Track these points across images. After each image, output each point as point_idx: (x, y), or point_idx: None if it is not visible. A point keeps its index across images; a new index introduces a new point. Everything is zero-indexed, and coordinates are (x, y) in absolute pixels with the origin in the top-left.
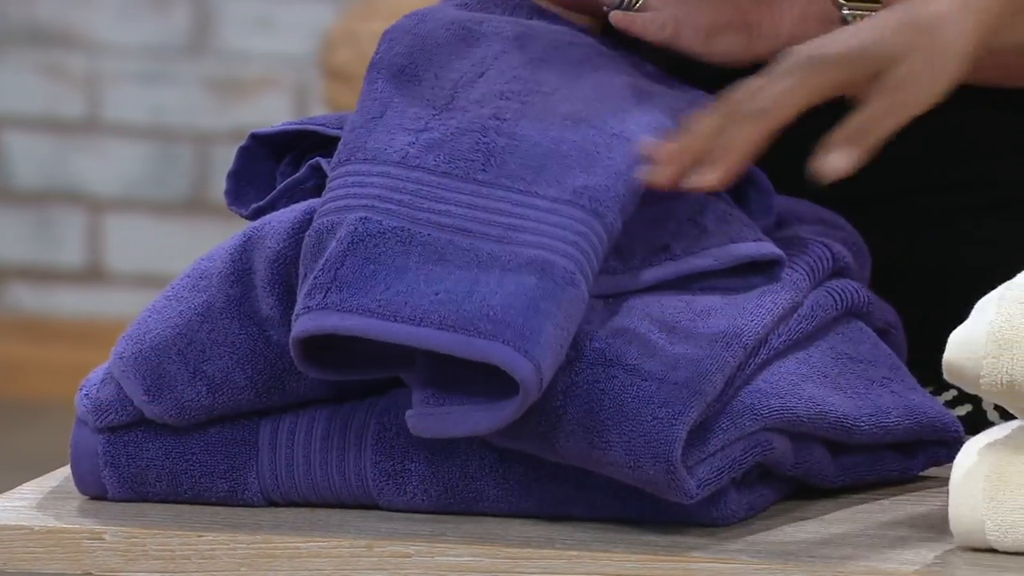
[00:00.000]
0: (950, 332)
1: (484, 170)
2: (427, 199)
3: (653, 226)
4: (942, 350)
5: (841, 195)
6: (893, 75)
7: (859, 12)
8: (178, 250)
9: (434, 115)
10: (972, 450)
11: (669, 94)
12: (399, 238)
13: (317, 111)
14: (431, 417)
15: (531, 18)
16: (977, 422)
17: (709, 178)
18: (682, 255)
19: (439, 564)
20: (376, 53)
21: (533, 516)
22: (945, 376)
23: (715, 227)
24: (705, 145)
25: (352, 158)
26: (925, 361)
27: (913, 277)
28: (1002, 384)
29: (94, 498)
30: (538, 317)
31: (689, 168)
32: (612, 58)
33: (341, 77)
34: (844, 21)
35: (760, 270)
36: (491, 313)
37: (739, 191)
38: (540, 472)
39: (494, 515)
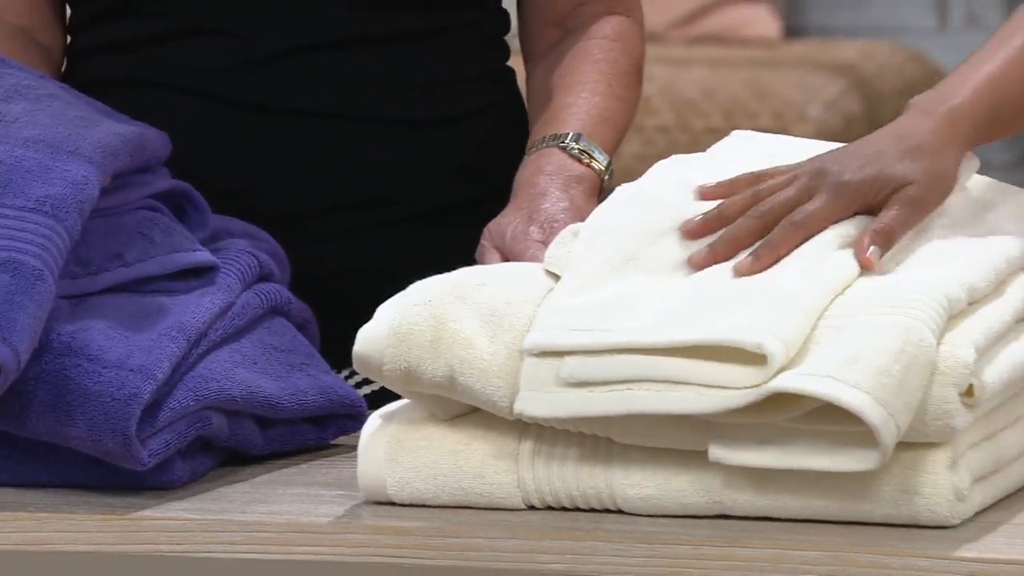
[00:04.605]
0: (358, 325)
1: None
2: None
3: (108, 238)
4: (352, 340)
5: (268, 213)
6: (906, 193)
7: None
8: None
9: None
10: (375, 422)
11: (114, 123)
12: None
13: None
14: None
15: None
16: (380, 398)
17: (752, 268)
18: (133, 262)
19: None
20: None
21: (8, 485)
22: (355, 367)
23: (161, 239)
24: (746, 234)
25: None
26: (340, 349)
27: (327, 279)
28: (401, 371)
29: None
30: (13, 309)
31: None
32: (75, 98)
33: None
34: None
35: (199, 275)
36: None
37: (180, 208)
38: (13, 448)
39: None
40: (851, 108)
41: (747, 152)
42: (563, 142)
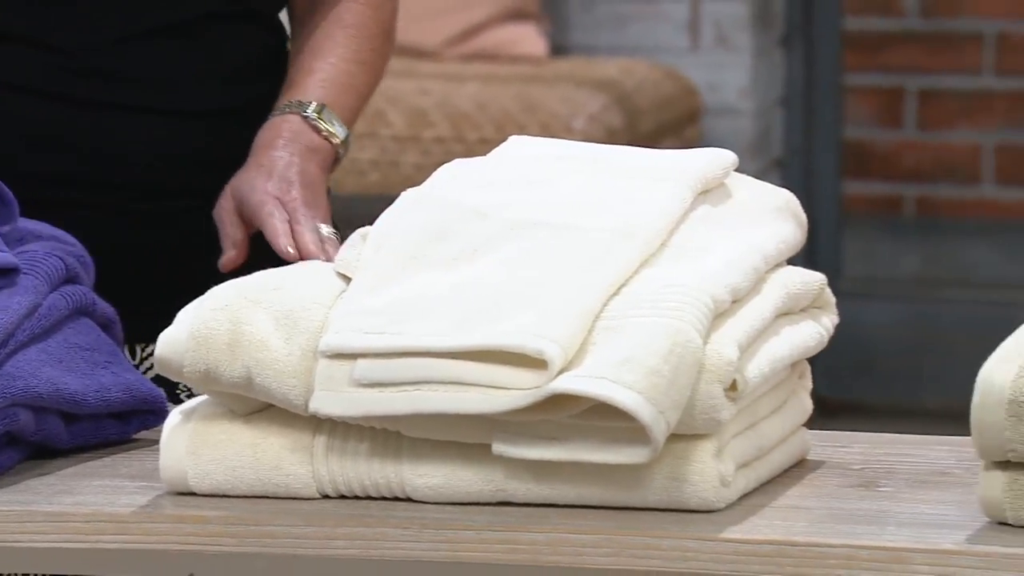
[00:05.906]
0: (157, 300)
1: None
2: None
3: None
4: (153, 315)
5: (74, 198)
6: None
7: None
8: None
9: None
10: (176, 417)
11: None
12: None
13: None
14: None
15: None
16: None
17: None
18: None
19: None
20: None
21: None
22: (156, 369)
23: None
24: None
25: None
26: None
27: (132, 279)
28: (200, 372)
29: None
30: None
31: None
32: None
33: None
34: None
35: (2, 276)
36: None
37: None
38: None
39: None
40: (612, 121)
41: (520, 154)
42: (305, 111)
